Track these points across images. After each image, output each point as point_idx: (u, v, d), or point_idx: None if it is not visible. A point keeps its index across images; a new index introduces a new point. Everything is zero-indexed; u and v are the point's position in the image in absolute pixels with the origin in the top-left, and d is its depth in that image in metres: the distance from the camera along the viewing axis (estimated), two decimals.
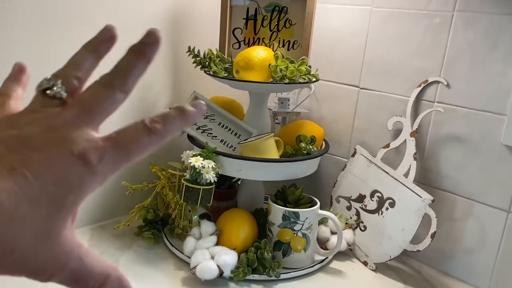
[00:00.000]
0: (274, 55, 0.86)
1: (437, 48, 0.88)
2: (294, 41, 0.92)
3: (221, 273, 0.78)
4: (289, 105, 1.05)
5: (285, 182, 0.90)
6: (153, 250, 0.90)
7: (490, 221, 0.84)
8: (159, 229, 0.94)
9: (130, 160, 0.28)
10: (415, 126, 0.90)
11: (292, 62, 0.86)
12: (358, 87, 1.02)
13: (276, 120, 1.06)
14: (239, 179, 1.02)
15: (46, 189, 0.26)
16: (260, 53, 0.86)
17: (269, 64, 0.85)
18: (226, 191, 0.99)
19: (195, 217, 0.88)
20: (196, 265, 0.79)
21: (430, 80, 0.89)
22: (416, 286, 0.86)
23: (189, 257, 0.81)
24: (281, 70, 0.85)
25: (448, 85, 0.87)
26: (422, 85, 0.90)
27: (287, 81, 0.86)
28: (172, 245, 0.89)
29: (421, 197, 0.85)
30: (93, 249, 0.86)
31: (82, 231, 0.94)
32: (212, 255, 0.80)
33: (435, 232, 0.83)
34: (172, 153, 1.04)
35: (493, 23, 0.80)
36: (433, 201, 0.84)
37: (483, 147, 0.84)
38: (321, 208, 0.89)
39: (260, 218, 0.94)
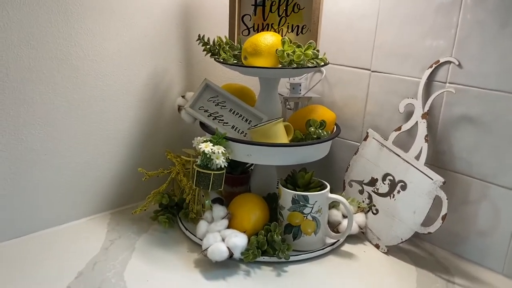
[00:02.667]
0: (281, 40, 0.87)
1: (448, 27, 0.86)
2: (303, 26, 0.92)
3: (231, 255, 0.80)
4: (300, 90, 1.05)
5: (296, 166, 0.91)
6: (168, 233, 0.93)
7: (504, 203, 0.82)
8: (174, 213, 0.97)
9: None
10: (427, 108, 0.89)
11: (299, 46, 0.86)
12: (369, 70, 1.01)
13: (287, 106, 1.06)
14: (252, 164, 1.03)
15: None
16: (268, 39, 0.87)
17: (276, 49, 0.86)
18: (239, 176, 1.01)
19: (207, 202, 0.90)
20: (208, 247, 0.81)
21: (441, 60, 0.88)
22: (429, 269, 0.85)
23: (202, 240, 0.84)
24: (288, 55, 0.85)
25: (459, 65, 0.85)
26: (434, 66, 0.89)
27: (295, 66, 0.86)
28: (186, 229, 0.92)
29: (432, 179, 0.85)
30: (112, 233, 0.90)
31: (102, 216, 0.98)
32: (223, 237, 0.83)
33: (446, 214, 0.82)
34: (186, 140, 1.07)
35: (502, 0, 0.78)
36: (444, 183, 0.83)
37: (496, 127, 0.82)
38: (335, 192, 0.89)
39: (273, 202, 0.95)
